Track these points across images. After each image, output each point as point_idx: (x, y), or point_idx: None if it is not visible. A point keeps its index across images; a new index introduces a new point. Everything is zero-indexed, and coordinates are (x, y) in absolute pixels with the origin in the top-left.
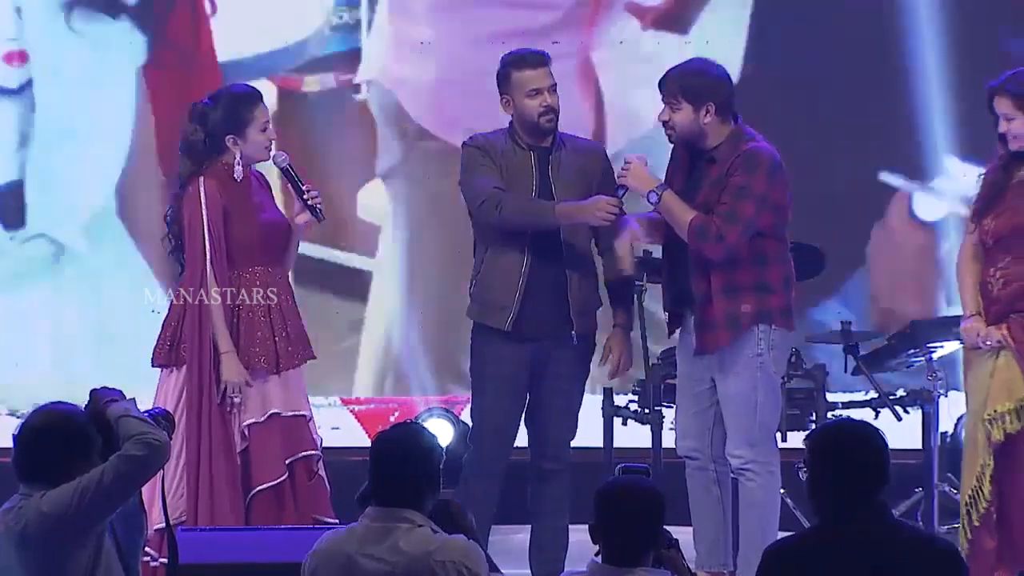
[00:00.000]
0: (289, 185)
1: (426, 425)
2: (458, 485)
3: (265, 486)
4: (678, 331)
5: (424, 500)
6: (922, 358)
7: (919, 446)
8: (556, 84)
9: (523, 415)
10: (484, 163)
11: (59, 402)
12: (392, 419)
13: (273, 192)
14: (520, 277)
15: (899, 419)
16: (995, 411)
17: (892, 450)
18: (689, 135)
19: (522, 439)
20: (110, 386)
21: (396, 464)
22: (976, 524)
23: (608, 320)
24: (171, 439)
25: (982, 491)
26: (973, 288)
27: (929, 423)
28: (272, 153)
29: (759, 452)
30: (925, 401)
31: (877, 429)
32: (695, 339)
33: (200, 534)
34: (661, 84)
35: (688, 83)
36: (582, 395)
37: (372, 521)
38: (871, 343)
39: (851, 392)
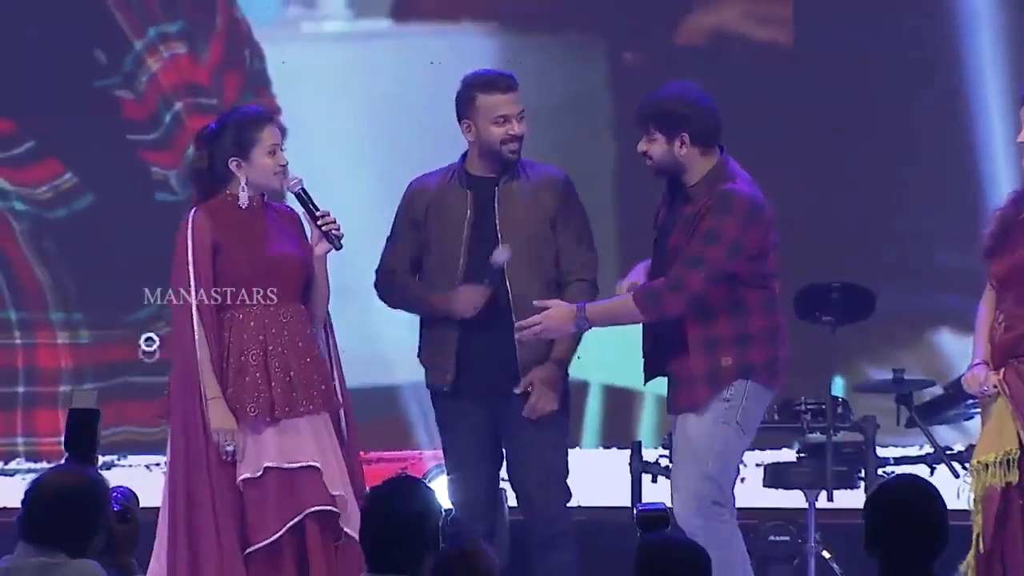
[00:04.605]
0: (303, 211)
1: (433, 484)
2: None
3: (255, 547)
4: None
5: (420, 564)
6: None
7: None
8: (524, 110)
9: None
10: (400, 222)
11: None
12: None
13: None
14: (455, 329)
15: (956, 476)
16: (978, 462)
17: (950, 511)
18: (667, 168)
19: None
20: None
21: (387, 528)
22: None
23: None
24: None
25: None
26: (983, 334)
27: None
28: (290, 180)
29: (701, 506)
30: None
31: (936, 489)
32: (669, 396)
33: None
34: (636, 113)
35: (660, 110)
36: (564, 448)
37: None
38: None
39: (904, 447)
